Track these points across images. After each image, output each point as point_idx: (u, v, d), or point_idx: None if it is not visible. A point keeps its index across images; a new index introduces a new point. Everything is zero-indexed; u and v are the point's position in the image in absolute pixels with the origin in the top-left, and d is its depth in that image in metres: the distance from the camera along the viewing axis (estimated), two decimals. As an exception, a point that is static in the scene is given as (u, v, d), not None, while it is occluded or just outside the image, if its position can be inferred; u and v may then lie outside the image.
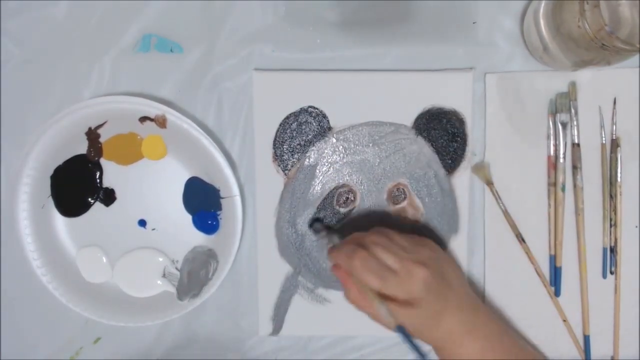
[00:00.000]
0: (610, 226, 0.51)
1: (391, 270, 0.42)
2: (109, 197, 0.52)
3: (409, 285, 0.42)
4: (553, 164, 0.50)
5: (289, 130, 0.50)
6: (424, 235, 0.50)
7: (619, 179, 0.50)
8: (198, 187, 0.51)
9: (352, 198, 0.51)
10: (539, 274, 0.52)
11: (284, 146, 0.50)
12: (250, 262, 0.52)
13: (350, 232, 0.47)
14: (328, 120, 0.50)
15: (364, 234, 0.45)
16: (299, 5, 0.50)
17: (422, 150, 0.50)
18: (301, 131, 0.50)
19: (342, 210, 0.51)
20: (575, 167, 0.50)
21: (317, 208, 0.51)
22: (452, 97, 0.50)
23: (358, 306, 0.44)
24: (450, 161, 0.51)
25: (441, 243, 0.52)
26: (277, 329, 0.53)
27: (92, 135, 0.51)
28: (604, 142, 0.51)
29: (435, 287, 0.43)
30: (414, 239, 0.46)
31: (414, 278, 0.42)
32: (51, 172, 0.51)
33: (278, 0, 0.49)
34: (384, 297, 0.42)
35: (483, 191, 0.51)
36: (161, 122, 0.49)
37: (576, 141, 0.50)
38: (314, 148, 0.50)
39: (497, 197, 0.51)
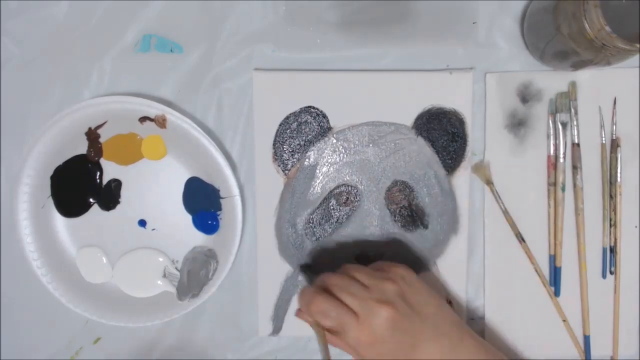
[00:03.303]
0: (610, 226, 0.51)
1: (351, 313, 0.41)
2: (111, 200, 0.52)
3: (372, 326, 0.41)
4: (553, 164, 0.50)
5: (289, 130, 0.50)
6: (399, 256, 0.50)
7: (618, 179, 0.50)
8: (198, 187, 0.51)
9: (352, 198, 0.51)
10: (539, 273, 0.52)
11: (284, 146, 0.50)
12: (250, 262, 0.52)
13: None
14: (328, 120, 0.50)
15: (329, 275, 0.44)
16: (299, 5, 0.50)
17: (422, 150, 0.50)
18: (301, 131, 0.50)
19: (342, 210, 0.51)
20: (575, 167, 0.50)
21: (317, 208, 0.51)
22: (452, 97, 0.50)
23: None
24: (450, 161, 0.51)
25: (420, 264, 0.51)
26: (277, 329, 0.53)
27: (92, 135, 0.51)
28: (603, 142, 0.51)
29: (402, 324, 0.41)
30: (381, 272, 0.44)
31: (377, 318, 0.41)
32: (51, 172, 0.51)
33: (278, 0, 0.49)
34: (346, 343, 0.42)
35: (483, 191, 0.51)
36: (161, 122, 0.49)
37: (576, 141, 0.50)
38: (314, 148, 0.50)
39: (497, 197, 0.51)
